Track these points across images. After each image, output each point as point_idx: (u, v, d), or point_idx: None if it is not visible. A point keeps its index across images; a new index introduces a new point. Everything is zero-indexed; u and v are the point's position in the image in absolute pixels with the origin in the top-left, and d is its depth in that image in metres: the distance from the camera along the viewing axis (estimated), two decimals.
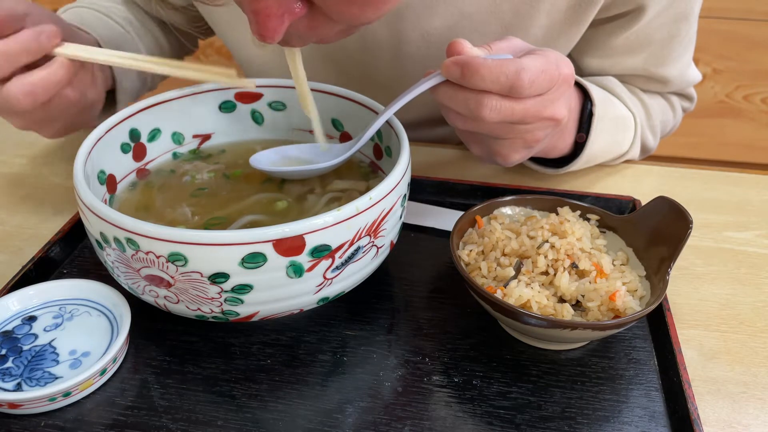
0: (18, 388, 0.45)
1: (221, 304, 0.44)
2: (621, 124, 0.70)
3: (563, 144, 0.64)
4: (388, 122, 0.54)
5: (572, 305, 0.49)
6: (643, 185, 0.71)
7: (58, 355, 0.47)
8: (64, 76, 0.54)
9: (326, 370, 0.49)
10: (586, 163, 0.68)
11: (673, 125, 0.82)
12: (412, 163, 0.53)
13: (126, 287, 0.48)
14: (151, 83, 0.79)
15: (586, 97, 0.65)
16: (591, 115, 0.65)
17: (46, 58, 0.54)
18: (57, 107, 0.56)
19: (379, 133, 0.57)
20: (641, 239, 0.53)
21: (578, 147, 0.66)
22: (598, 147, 0.67)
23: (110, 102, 0.70)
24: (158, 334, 0.51)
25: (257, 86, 0.62)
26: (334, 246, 0.44)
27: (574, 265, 0.50)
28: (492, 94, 0.49)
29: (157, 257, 0.42)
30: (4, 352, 0.47)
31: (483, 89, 0.48)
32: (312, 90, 0.61)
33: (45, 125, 0.58)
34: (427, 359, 0.49)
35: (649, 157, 0.77)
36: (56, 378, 0.46)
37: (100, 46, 0.68)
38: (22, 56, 0.52)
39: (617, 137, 0.70)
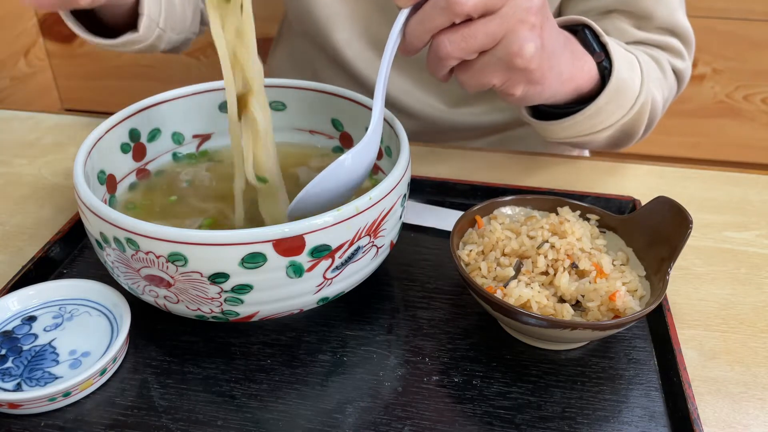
0: (18, 388, 0.45)
1: (221, 304, 0.44)
2: (624, 54, 0.63)
3: (580, 72, 0.59)
4: (388, 122, 0.54)
5: (572, 305, 0.49)
6: (643, 185, 0.71)
7: (58, 355, 0.47)
8: None
9: (326, 370, 0.49)
10: (615, 95, 0.61)
11: (669, 89, 0.74)
12: (412, 163, 0.53)
13: (126, 287, 0.48)
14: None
15: (576, 27, 0.61)
16: (596, 35, 0.60)
17: None
18: None
19: None
20: (641, 239, 0.53)
21: (602, 78, 0.61)
22: (624, 69, 0.61)
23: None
24: (158, 334, 0.51)
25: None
26: (334, 246, 0.44)
27: (574, 265, 0.50)
28: None
29: (157, 257, 0.42)
30: (4, 352, 0.47)
31: None
32: (312, 90, 0.61)
33: None
34: (427, 359, 0.49)
35: (649, 157, 0.77)
36: (56, 378, 0.46)
37: None
38: None
39: (632, 65, 0.63)
